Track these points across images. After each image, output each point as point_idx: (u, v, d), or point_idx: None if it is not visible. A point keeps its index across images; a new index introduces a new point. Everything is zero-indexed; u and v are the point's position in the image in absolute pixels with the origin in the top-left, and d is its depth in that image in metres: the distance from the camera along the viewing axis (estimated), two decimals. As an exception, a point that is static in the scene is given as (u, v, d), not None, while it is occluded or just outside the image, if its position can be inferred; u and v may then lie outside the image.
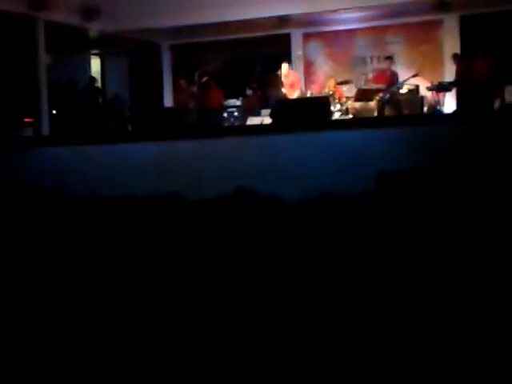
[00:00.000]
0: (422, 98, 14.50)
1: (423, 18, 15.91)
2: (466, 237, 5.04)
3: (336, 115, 13.81)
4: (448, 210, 5.68)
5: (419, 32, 16.34)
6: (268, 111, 12.38)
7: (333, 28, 16.89)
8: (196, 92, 15.30)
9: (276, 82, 15.01)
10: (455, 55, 14.55)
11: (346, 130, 8.40)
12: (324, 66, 17.25)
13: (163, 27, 15.79)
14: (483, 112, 10.23)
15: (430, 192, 6.16)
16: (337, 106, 14.10)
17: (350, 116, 13.95)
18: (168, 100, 17.83)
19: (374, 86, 14.04)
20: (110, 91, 18.06)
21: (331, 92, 14.32)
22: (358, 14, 15.83)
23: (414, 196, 6.13)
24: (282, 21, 15.65)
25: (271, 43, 17.24)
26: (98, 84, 17.77)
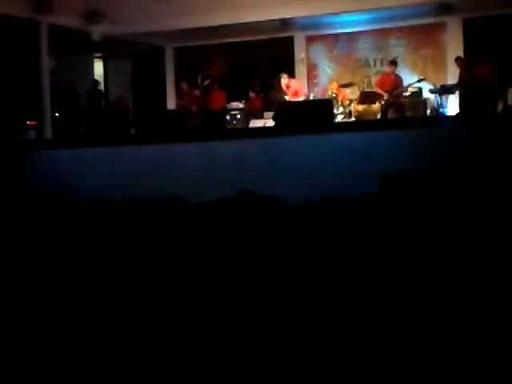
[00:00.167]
0: (425, 101, 14.50)
1: (426, 20, 15.89)
2: (469, 238, 5.04)
3: (339, 118, 13.80)
4: (452, 212, 5.68)
5: (422, 35, 16.33)
6: (271, 114, 12.38)
7: (336, 31, 16.89)
8: (199, 95, 15.30)
9: (279, 85, 14.98)
10: (458, 58, 14.53)
11: (349, 132, 8.39)
12: (327, 69, 17.24)
13: (166, 30, 15.79)
14: (486, 115, 10.22)
15: (434, 194, 6.15)
16: (340, 109, 14.10)
17: (353, 119, 13.94)
18: (171, 103, 17.84)
19: (377, 91, 13.99)
20: (113, 94, 18.09)
21: (334, 95, 14.31)
22: (361, 17, 15.81)
23: (418, 199, 6.13)
24: (285, 24, 15.64)
25: (274, 46, 17.24)
26: (101, 87, 17.78)
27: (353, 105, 14.29)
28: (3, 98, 15.32)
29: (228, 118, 15.71)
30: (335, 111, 13.57)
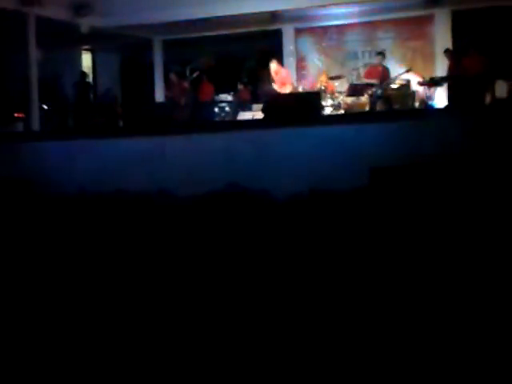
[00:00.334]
0: (413, 93, 14.50)
1: (415, 13, 15.90)
2: (458, 230, 5.05)
3: (328, 110, 13.79)
4: (440, 204, 5.69)
5: (411, 27, 16.33)
6: (259, 106, 12.36)
7: (324, 23, 16.87)
8: (187, 87, 15.27)
9: (267, 77, 14.97)
10: (447, 50, 14.55)
11: (338, 124, 8.39)
12: (316, 61, 17.23)
13: (154, 23, 15.72)
14: (474, 107, 10.24)
15: (422, 187, 6.16)
16: (328, 101, 14.07)
17: (342, 111, 13.94)
18: (159, 95, 17.79)
19: (365, 82, 14.02)
20: (102, 86, 18.01)
21: (323, 87, 14.30)
22: (350, 9, 15.81)
23: (406, 191, 6.14)
24: (274, 16, 15.61)
25: (263, 38, 17.22)
26: (89, 79, 17.70)
27: (341, 97, 14.28)
28: (-10, 91, 15.24)
29: (216, 110, 15.66)
30: (324, 103, 13.57)
